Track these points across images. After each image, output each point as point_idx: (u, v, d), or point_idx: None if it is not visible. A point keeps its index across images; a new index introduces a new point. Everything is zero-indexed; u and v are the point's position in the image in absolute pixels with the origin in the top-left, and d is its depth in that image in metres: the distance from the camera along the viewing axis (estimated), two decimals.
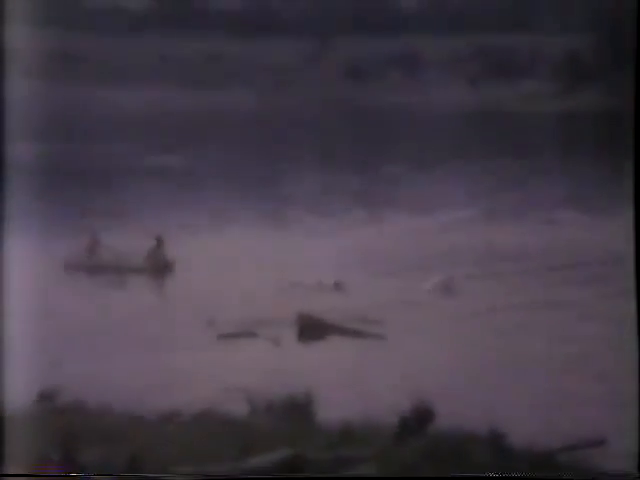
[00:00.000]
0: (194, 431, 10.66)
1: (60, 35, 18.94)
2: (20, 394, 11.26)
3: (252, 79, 29.29)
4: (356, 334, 14.79)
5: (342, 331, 14.93)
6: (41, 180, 15.03)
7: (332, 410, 11.10)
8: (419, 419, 10.41)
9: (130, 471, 9.66)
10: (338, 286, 16.91)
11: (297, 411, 11.26)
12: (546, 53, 24.08)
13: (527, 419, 11.01)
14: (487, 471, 9.11)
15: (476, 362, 13.35)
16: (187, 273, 17.96)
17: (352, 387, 12.21)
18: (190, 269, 17.98)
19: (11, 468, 9.59)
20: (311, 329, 14.94)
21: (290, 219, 20.46)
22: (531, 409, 11.52)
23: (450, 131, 24.78)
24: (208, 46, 29.53)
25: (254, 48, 29.75)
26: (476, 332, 14.56)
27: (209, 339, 14.52)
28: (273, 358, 13.87)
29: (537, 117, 24.07)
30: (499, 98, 25.33)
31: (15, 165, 13.44)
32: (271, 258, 18.08)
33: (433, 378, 12.53)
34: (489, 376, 12.82)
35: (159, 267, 18.24)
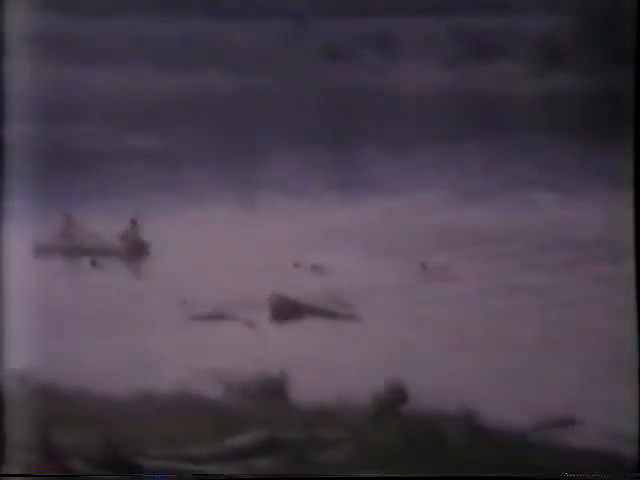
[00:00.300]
0: (169, 413, 10.64)
1: (41, 16, 18.77)
2: None
3: (231, 61, 29.12)
4: (331, 315, 14.79)
5: (317, 312, 14.93)
6: (18, 160, 14.93)
7: (306, 391, 11.11)
8: (393, 400, 10.43)
9: (104, 453, 9.62)
10: (313, 268, 16.90)
11: (272, 392, 11.26)
12: (523, 35, 24.04)
13: (501, 400, 11.06)
14: (460, 452, 9.16)
15: (450, 343, 13.39)
16: (163, 255, 17.91)
17: (327, 368, 12.23)
18: (166, 251, 17.93)
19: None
20: (286, 310, 14.93)
21: (266, 200, 20.43)
22: (506, 390, 11.58)
23: (427, 112, 24.74)
24: (187, 28, 29.30)
25: (233, 30, 29.57)
26: (451, 314, 14.59)
27: (183, 321, 14.49)
28: (248, 339, 13.86)
29: (514, 98, 24.02)
30: (476, 79, 25.25)
31: None
32: (246, 239, 18.05)
33: (408, 359, 12.56)
34: (463, 357, 12.86)
35: (134, 249, 18.15)
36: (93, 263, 17.47)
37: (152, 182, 21.83)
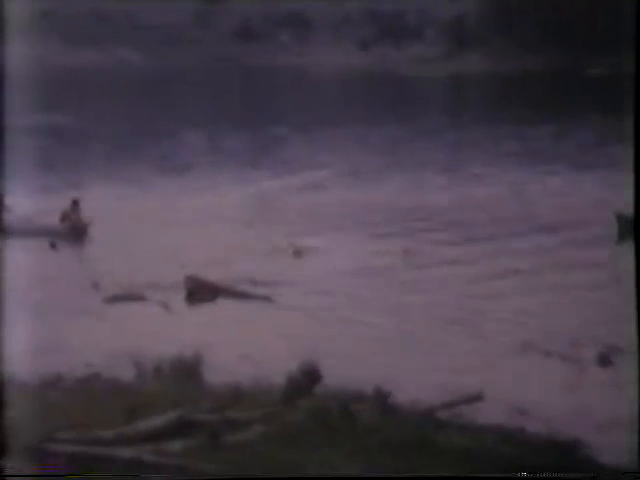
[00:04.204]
0: (79, 396, 10.54)
1: None
2: None
3: (143, 39, 28.71)
4: (246, 297, 14.81)
5: (232, 294, 14.92)
6: None
7: (221, 372, 11.12)
8: (307, 380, 10.51)
9: (10, 438, 9.49)
10: (225, 247, 16.88)
11: (185, 374, 11.24)
12: (434, 18, 24.25)
13: (412, 378, 11.23)
14: (370, 430, 9.30)
15: (363, 322, 13.53)
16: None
17: (241, 349, 12.25)
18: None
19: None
20: (201, 292, 14.89)
21: (172, 180, 20.33)
22: (416, 367, 11.76)
23: (338, 93, 24.83)
24: (96, 4, 28.76)
25: (143, 7, 29.14)
26: (364, 292, 14.74)
27: (96, 303, 14.34)
28: (162, 321, 13.79)
29: (424, 80, 24.21)
30: (387, 61, 25.36)
31: None
32: (155, 218, 17.93)
33: (321, 339, 12.67)
34: (375, 336, 13.02)
35: (75, 230, 17.82)
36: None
37: (58, 159, 21.50)
